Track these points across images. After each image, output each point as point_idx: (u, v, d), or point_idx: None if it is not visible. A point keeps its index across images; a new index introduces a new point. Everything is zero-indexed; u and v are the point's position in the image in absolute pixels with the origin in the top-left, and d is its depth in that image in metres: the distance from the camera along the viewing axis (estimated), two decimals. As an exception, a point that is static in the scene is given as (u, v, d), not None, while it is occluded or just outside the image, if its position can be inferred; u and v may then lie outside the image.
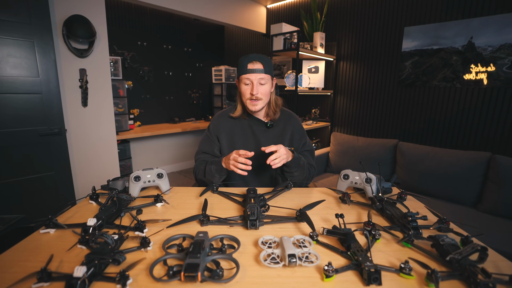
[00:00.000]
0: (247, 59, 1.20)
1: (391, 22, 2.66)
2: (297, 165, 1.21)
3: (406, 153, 2.43)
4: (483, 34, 2.16)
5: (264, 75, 1.20)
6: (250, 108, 1.25)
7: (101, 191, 1.07)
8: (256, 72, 1.19)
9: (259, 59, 1.20)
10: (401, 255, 0.67)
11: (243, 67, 1.20)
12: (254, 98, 1.22)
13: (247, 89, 1.22)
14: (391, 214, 0.85)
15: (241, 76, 1.22)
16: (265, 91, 1.23)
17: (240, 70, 1.22)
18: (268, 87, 1.24)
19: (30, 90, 1.93)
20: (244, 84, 1.23)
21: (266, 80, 1.22)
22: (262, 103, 1.24)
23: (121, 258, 0.61)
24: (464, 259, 0.59)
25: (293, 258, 0.61)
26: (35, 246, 0.70)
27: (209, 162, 1.27)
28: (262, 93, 1.22)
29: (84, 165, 2.42)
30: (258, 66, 1.19)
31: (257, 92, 1.20)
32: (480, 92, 2.24)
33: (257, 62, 1.20)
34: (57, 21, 2.10)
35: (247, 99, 1.24)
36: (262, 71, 1.19)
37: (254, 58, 1.20)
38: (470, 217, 1.94)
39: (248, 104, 1.25)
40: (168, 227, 0.80)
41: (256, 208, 0.82)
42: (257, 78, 1.20)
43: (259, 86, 1.21)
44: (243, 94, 1.24)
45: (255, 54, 1.22)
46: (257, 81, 1.20)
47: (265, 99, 1.25)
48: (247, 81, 1.21)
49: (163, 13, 3.81)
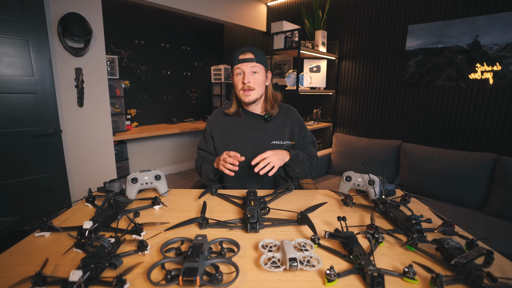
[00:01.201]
0: (238, 52, 1.23)
1: (394, 20, 2.67)
2: (297, 162, 1.23)
3: (410, 154, 2.43)
4: (488, 33, 2.16)
5: (255, 64, 1.21)
6: (243, 99, 1.25)
7: (98, 193, 1.07)
8: (247, 62, 1.20)
9: (250, 49, 1.23)
10: (405, 259, 0.67)
11: (234, 59, 1.23)
12: (246, 88, 1.22)
13: (239, 79, 1.23)
14: (394, 217, 0.85)
15: (233, 68, 1.24)
16: (258, 80, 1.23)
17: (232, 63, 1.25)
18: (260, 76, 1.24)
19: (24, 90, 1.94)
20: (236, 75, 1.24)
21: (258, 69, 1.22)
22: (255, 94, 1.24)
23: (118, 262, 0.61)
24: (469, 263, 0.59)
25: (294, 262, 0.61)
26: (30, 250, 0.70)
27: (204, 161, 1.32)
28: (254, 83, 1.22)
29: (80, 166, 2.42)
30: (249, 55, 1.21)
31: (248, 81, 1.20)
32: (485, 92, 2.24)
33: (247, 53, 1.22)
34: (52, 19, 2.11)
35: (239, 90, 1.24)
36: (253, 60, 1.21)
37: (244, 50, 1.23)
38: (475, 219, 1.94)
39: (241, 95, 1.25)
40: (166, 230, 0.80)
41: (256, 211, 0.82)
42: (248, 67, 1.21)
43: (251, 75, 1.22)
44: (236, 85, 1.25)
45: (246, 47, 1.24)
46: (248, 70, 1.21)
47: (258, 89, 1.24)
48: (239, 70, 1.22)
49: (161, 11, 3.82)
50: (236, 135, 1.32)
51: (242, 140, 1.31)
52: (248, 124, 1.33)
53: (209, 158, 1.30)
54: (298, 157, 1.23)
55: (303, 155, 1.28)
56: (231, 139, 1.32)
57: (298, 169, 1.25)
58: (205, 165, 1.28)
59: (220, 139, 1.34)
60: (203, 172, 1.31)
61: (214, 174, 1.27)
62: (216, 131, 1.35)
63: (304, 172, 1.28)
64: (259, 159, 1.09)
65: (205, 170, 1.28)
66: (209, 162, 1.27)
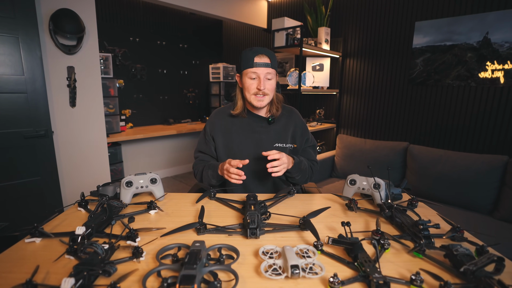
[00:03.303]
0: (253, 52, 1.21)
1: (401, 17, 2.68)
2: (299, 170, 1.25)
3: (417, 157, 2.43)
4: (499, 29, 2.17)
5: (271, 70, 1.23)
6: (256, 104, 1.26)
7: (91, 197, 1.08)
8: (263, 66, 1.21)
9: (266, 52, 1.23)
10: (412, 266, 0.68)
11: (248, 60, 1.21)
12: (261, 94, 1.24)
13: (253, 83, 1.23)
14: (401, 222, 0.85)
15: (247, 69, 1.23)
16: (272, 86, 1.26)
17: (245, 64, 1.23)
18: (274, 82, 1.27)
19: (14, 89, 1.94)
20: (249, 79, 1.24)
21: (272, 75, 1.25)
22: (268, 99, 1.27)
23: (112, 269, 0.61)
24: (479, 270, 0.59)
25: (296, 269, 0.61)
26: (20, 257, 0.70)
27: (206, 166, 1.30)
28: (268, 89, 1.24)
29: (72, 169, 2.42)
30: (265, 60, 1.22)
31: (264, 87, 1.22)
32: (496, 92, 2.24)
33: (264, 56, 1.22)
34: (43, 15, 2.12)
35: (252, 94, 1.25)
36: (269, 65, 1.22)
37: (260, 52, 1.22)
38: (485, 225, 1.93)
39: (253, 100, 1.26)
40: (162, 236, 0.80)
41: (257, 216, 0.82)
42: (264, 72, 1.22)
43: (266, 81, 1.23)
44: (248, 89, 1.25)
45: (260, 47, 1.24)
46: (264, 76, 1.22)
47: (271, 95, 1.28)
48: (254, 75, 1.22)
49: (157, 7, 3.83)
50: (239, 136, 1.32)
51: (244, 142, 1.32)
52: (251, 126, 1.33)
53: (211, 164, 1.29)
54: (301, 165, 1.26)
55: (305, 163, 1.31)
56: (233, 140, 1.32)
57: (298, 176, 1.28)
58: (207, 171, 1.27)
59: (222, 140, 1.34)
60: (204, 177, 1.29)
61: (217, 180, 1.26)
62: (217, 132, 1.35)
63: (304, 179, 1.32)
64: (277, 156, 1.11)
65: (207, 177, 1.27)
66: (211, 168, 1.26)
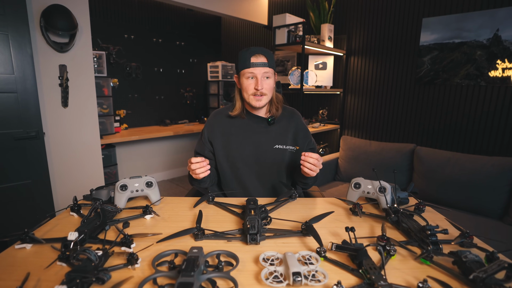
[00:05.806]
0: (249, 52, 1.24)
1: (407, 13, 2.69)
2: (316, 178, 1.29)
3: (425, 159, 2.43)
4: (510, 26, 2.17)
5: (268, 69, 1.26)
6: (254, 104, 1.28)
7: (84, 201, 1.08)
8: (260, 66, 1.24)
9: (262, 52, 1.26)
10: (419, 273, 0.68)
11: (245, 61, 1.24)
12: (259, 94, 1.26)
13: (251, 83, 1.26)
14: (407, 228, 0.85)
15: (244, 70, 1.26)
16: (270, 86, 1.28)
17: (242, 64, 1.26)
18: (272, 81, 1.30)
19: (3, 89, 1.95)
20: (247, 79, 1.26)
21: (270, 75, 1.27)
22: (266, 99, 1.29)
23: (106, 277, 0.61)
24: (489, 277, 0.59)
25: (298, 276, 0.61)
26: (10, 263, 0.71)
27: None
28: (266, 88, 1.27)
29: (65, 172, 2.43)
30: (262, 59, 1.25)
31: (262, 87, 1.25)
32: (507, 91, 2.24)
33: (260, 55, 1.25)
34: (34, 12, 2.12)
35: (250, 95, 1.28)
36: (266, 64, 1.25)
37: (256, 51, 1.25)
38: (496, 230, 1.93)
39: (251, 100, 1.28)
40: (158, 242, 0.80)
41: (257, 221, 0.82)
42: (261, 72, 1.24)
43: (264, 80, 1.26)
44: (246, 89, 1.27)
45: (257, 47, 1.27)
46: (261, 75, 1.25)
47: (269, 95, 1.30)
48: (251, 75, 1.25)
49: (153, 3, 3.84)
50: (238, 138, 1.35)
51: (243, 143, 1.34)
52: (251, 127, 1.36)
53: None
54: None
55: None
56: (232, 142, 1.34)
57: (312, 181, 1.32)
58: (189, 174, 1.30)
59: (220, 142, 1.36)
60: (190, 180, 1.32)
61: (198, 182, 1.28)
62: (215, 134, 1.37)
63: (313, 183, 1.36)
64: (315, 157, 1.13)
65: (190, 179, 1.30)
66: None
